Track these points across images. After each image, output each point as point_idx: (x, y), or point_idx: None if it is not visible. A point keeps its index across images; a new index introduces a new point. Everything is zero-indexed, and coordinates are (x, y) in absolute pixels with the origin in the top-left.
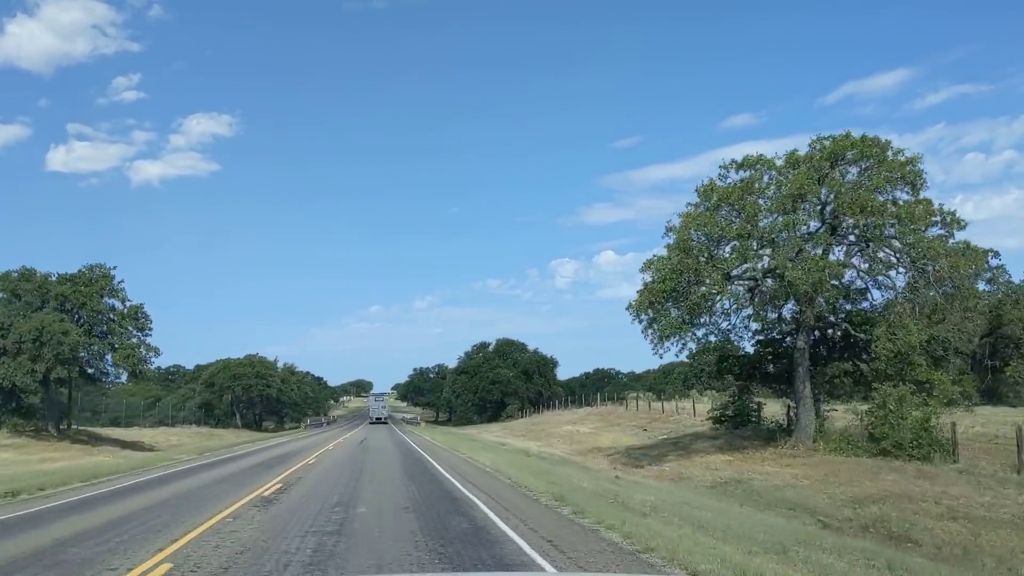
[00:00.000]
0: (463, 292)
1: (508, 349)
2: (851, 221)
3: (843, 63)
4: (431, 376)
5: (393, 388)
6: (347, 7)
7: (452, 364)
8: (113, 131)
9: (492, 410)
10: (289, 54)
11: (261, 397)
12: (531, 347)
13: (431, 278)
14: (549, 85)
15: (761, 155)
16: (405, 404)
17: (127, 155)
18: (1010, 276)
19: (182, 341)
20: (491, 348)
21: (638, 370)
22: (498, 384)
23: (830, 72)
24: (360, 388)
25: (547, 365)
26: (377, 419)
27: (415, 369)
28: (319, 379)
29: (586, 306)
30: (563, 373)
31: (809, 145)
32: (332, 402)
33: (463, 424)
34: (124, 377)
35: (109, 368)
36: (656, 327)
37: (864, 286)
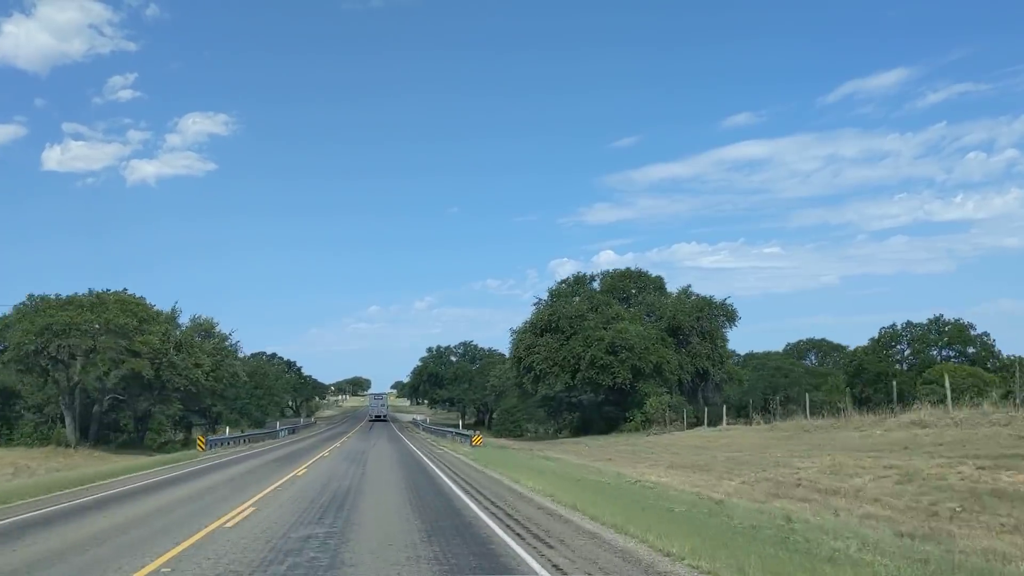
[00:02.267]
0: (462, 292)
1: (628, 284)
2: None
3: (843, 62)
4: (453, 360)
5: (393, 387)
6: (345, 7)
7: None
8: (109, 130)
9: (589, 412)
10: (286, 53)
11: (130, 379)
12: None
13: (430, 278)
14: (548, 84)
15: None
16: (409, 403)
17: (123, 154)
18: None
19: None
20: (594, 282)
21: None
22: (627, 353)
23: (830, 71)
24: (357, 386)
25: (714, 318)
26: (377, 417)
27: (430, 350)
28: (290, 364)
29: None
30: None
31: None
32: (318, 399)
33: (520, 435)
34: None
35: None
36: None
37: None
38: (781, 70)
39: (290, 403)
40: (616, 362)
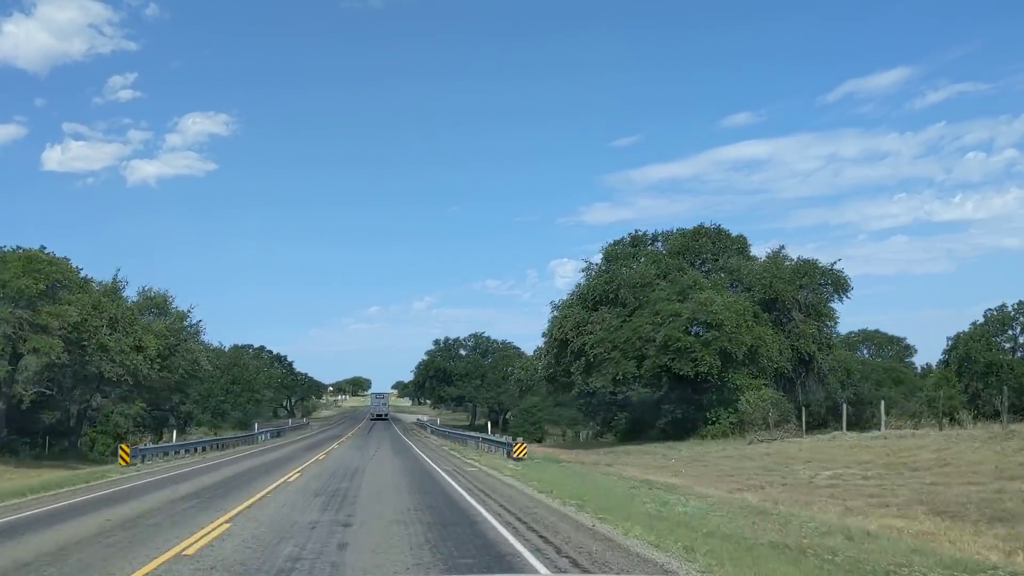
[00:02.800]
0: (462, 292)
1: (704, 244)
2: None
3: (843, 61)
4: (462, 354)
5: (393, 387)
6: (344, 6)
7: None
8: (109, 130)
9: (642, 412)
10: (286, 53)
11: (56, 367)
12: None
13: (430, 279)
14: (547, 84)
15: None
16: (410, 403)
17: (123, 154)
18: None
19: None
20: (656, 243)
21: None
22: (713, 332)
23: (830, 70)
24: (357, 386)
25: (818, 288)
26: (378, 416)
27: (437, 342)
28: (280, 358)
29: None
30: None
31: None
32: (315, 399)
33: (541, 439)
34: None
35: None
36: None
37: None
38: (781, 69)
39: (284, 403)
40: (698, 344)
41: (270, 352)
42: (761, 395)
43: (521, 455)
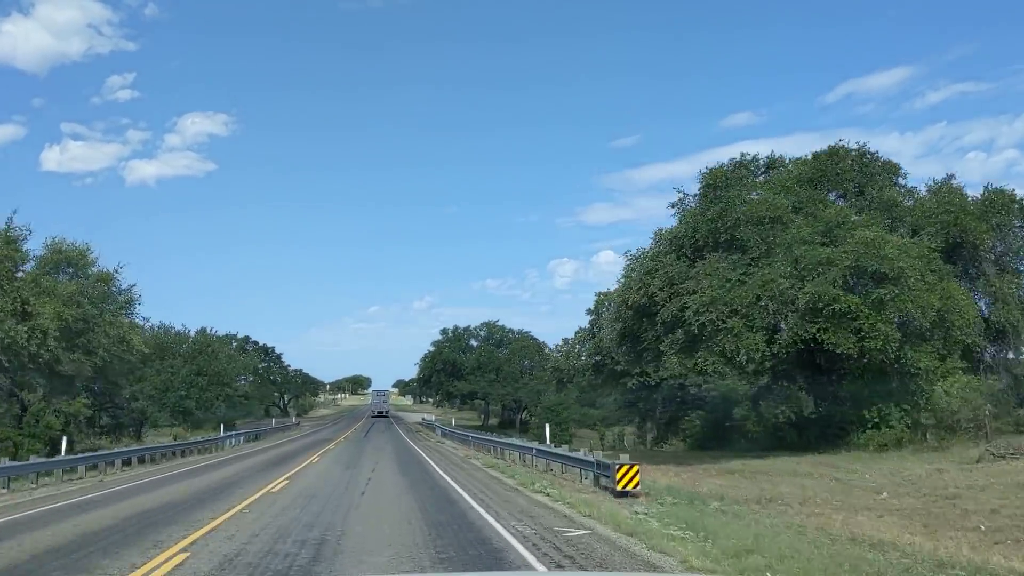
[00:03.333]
0: (462, 292)
1: (847, 168)
2: None
3: (843, 61)
4: (473, 345)
5: (394, 385)
6: (343, 7)
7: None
8: (108, 130)
9: (724, 412)
10: (285, 53)
11: None
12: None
13: (430, 278)
14: (548, 85)
15: None
16: (411, 402)
17: (122, 154)
18: None
19: None
20: (771, 170)
21: None
22: (889, 288)
23: (830, 71)
24: (357, 384)
25: (1017, 232)
26: (379, 413)
27: (445, 332)
28: (268, 351)
29: (585, 306)
30: None
31: None
32: (311, 397)
33: (568, 441)
34: None
35: None
36: None
37: None
38: (781, 69)
39: (276, 401)
40: (864, 308)
41: (255, 343)
42: (963, 384)
43: (631, 486)
